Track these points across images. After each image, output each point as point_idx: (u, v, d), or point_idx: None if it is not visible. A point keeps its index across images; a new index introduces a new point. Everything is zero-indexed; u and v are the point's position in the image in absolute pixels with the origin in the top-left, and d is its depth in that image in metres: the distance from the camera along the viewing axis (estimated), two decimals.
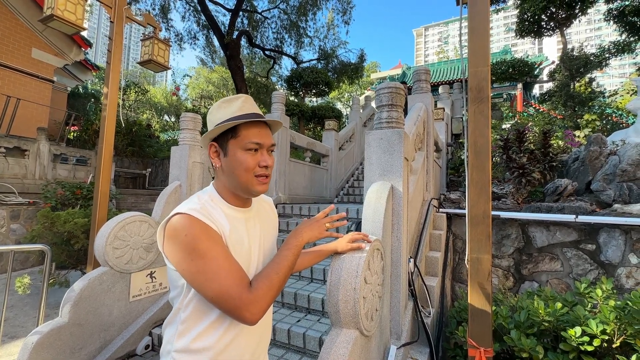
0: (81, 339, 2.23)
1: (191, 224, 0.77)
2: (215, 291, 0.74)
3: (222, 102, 0.91)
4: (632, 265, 2.83)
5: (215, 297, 0.74)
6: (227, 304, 0.74)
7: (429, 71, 3.84)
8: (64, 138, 8.42)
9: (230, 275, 0.75)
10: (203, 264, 0.74)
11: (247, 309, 0.74)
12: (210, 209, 0.84)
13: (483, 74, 1.51)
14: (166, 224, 0.80)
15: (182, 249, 0.75)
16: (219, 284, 0.74)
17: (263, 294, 0.77)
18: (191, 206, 0.81)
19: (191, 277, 0.76)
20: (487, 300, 1.44)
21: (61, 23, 2.64)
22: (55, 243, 3.67)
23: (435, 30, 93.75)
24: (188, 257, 0.75)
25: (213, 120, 0.90)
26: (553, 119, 7.48)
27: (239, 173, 0.86)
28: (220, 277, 0.74)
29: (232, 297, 0.73)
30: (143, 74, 31.07)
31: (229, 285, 0.74)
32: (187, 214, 0.78)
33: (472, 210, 1.49)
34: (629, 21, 9.66)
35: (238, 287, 0.75)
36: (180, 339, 0.82)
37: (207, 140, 0.91)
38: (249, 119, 0.86)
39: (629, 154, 3.41)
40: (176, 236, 0.76)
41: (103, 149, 2.88)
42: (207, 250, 0.75)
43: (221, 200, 0.90)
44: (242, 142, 0.86)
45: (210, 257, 0.75)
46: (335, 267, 1.48)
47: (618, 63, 54.12)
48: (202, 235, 0.76)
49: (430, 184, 3.58)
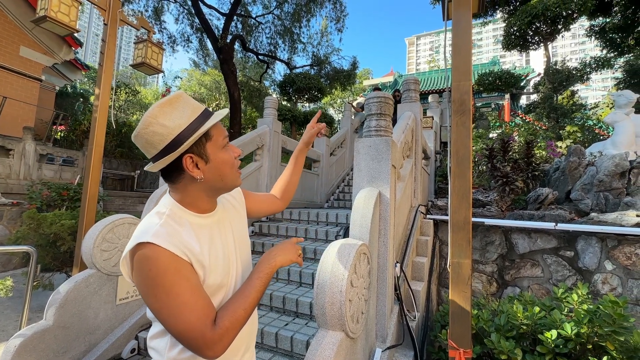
0: (66, 342, 2.21)
1: (156, 256, 0.71)
2: (177, 328, 0.71)
3: (166, 107, 0.77)
4: (607, 271, 2.96)
5: (178, 335, 0.71)
6: (189, 343, 0.71)
7: (418, 81, 3.96)
8: (50, 138, 8.28)
9: (194, 312, 0.71)
10: (167, 301, 0.71)
11: (209, 348, 0.71)
12: (176, 227, 0.78)
13: (465, 88, 1.60)
14: (132, 254, 0.75)
15: (147, 284, 0.72)
16: (182, 322, 0.70)
17: (227, 332, 0.74)
18: (155, 230, 0.74)
19: (155, 312, 0.73)
20: (466, 303, 1.51)
21: (54, 24, 2.65)
22: (40, 245, 3.61)
23: (427, 39, 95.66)
24: (152, 292, 0.71)
25: (168, 132, 0.76)
26: (537, 129, 7.74)
27: (226, 173, 0.84)
28: (183, 314, 0.70)
29: (194, 336, 0.70)
30: (134, 74, 30.74)
31: (191, 323, 0.71)
32: (151, 243, 0.72)
33: (453, 217, 1.56)
34: (609, 37, 10.14)
35: (200, 325, 0.71)
36: (171, 351, 0.81)
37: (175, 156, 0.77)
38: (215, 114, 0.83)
39: (605, 165, 3.58)
40: (141, 270, 0.72)
41: (93, 151, 2.87)
42: (171, 286, 0.71)
43: (185, 212, 0.83)
44: (217, 141, 0.82)
45: (174, 294, 0.71)
46: (322, 271, 1.52)
47: (601, 77, 56.16)
48: (167, 270, 0.71)
49: (418, 190, 3.67)
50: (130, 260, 0.75)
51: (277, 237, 3.96)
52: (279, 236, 3.96)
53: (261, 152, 4.65)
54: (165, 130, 0.76)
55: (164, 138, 0.76)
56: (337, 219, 3.95)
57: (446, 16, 1.90)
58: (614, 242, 2.94)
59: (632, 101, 4.80)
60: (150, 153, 0.79)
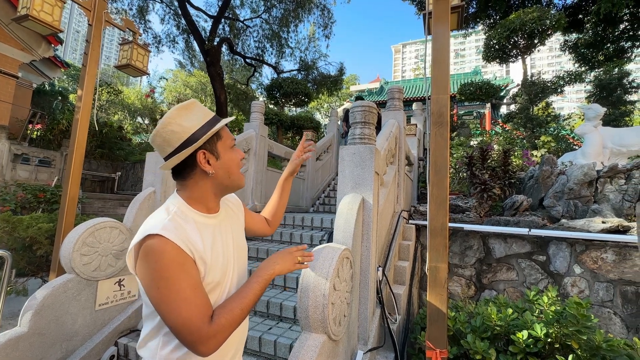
0: (41, 349, 2.14)
1: (162, 249, 0.76)
2: (175, 322, 0.74)
3: (183, 109, 0.88)
4: (576, 275, 3.13)
5: (175, 328, 0.75)
6: (185, 336, 0.74)
7: (402, 90, 4.09)
8: (26, 137, 7.98)
9: (193, 308, 0.75)
10: (168, 294, 0.74)
11: (203, 344, 0.74)
12: (181, 222, 0.83)
13: (443, 101, 1.70)
14: (139, 246, 0.79)
15: (151, 276, 0.76)
16: (181, 316, 0.74)
17: (222, 329, 0.77)
18: (164, 224, 0.79)
19: (156, 305, 0.77)
20: (443, 305, 1.58)
21: (36, 23, 2.60)
22: (15, 249, 3.48)
23: (412, 47, 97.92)
24: (155, 284, 0.75)
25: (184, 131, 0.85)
26: (514, 138, 8.08)
27: (233, 171, 0.93)
28: (182, 309, 0.74)
29: (191, 331, 0.74)
30: (116, 74, 29.94)
31: (189, 318, 0.74)
32: (160, 235, 0.76)
33: (431, 223, 1.64)
34: (581, 53, 10.73)
35: (198, 320, 0.75)
36: (163, 349, 0.83)
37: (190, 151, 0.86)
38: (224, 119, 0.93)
39: (575, 174, 3.80)
40: (147, 261, 0.76)
41: (74, 152, 2.81)
42: (174, 280, 0.75)
43: (191, 210, 0.88)
44: (226, 142, 0.93)
45: (176, 289, 0.75)
46: (306, 274, 1.57)
47: (575, 89, 59.11)
48: (172, 264, 0.76)
49: (401, 196, 3.77)
50: (136, 251, 0.80)
51: (262, 240, 3.97)
52: (264, 240, 3.97)
53: (247, 156, 4.66)
54: (181, 129, 0.86)
55: (181, 136, 0.86)
56: (322, 223, 4.00)
57: (427, 30, 2.00)
58: (582, 247, 3.12)
59: (600, 114, 5.11)
60: (166, 151, 0.87)
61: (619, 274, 2.95)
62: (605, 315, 2.96)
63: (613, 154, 5.04)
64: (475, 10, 11.36)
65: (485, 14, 11.28)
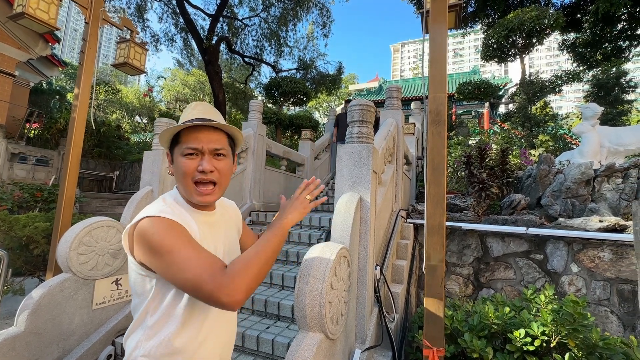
0: (38, 349, 2.14)
1: (158, 222, 0.78)
2: (188, 279, 0.73)
3: (187, 108, 0.94)
4: (573, 273, 3.14)
5: (190, 286, 0.73)
6: (202, 290, 0.72)
7: (400, 89, 4.09)
8: (23, 136, 7.94)
9: (201, 261, 0.75)
10: (172, 257, 0.74)
11: (222, 291, 0.71)
12: (177, 211, 0.86)
13: (441, 100, 1.69)
14: (133, 228, 0.81)
15: (152, 248, 0.76)
16: (191, 272, 0.73)
17: (238, 273, 0.74)
18: (158, 208, 0.83)
19: (164, 272, 0.76)
20: (440, 304, 1.58)
21: (32, 21, 2.58)
22: (11, 248, 3.46)
23: (411, 47, 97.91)
24: (158, 253, 0.76)
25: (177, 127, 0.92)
26: (512, 137, 8.10)
27: (180, 178, 0.89)
28: (191, 265, 0.73)
29: (206, 281, 0.72)
30: (114, 72, 29.83)
31: (200, 271, 0.73)
32: (154, 216, 0.79)
33: (429, 222, 1.64)
34: (579, 52, 10.75)
35: (208, 271, 0.73)
36: (147, 342, 0.82)
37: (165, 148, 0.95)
38: (186, 125, 0.87)
39: (572, 173, 3.81)
40: (146, 236, 0.77)
41: (71, 151, 2.80)
42: (174, 244, 0.76)
43: (184, 204, 0.91)
44: (181, 147, 0.88)
45: (177, 250, 0.75)
46: (303, 273, 1.57)
47: (573, 88, 59.32)
48: (168, 231, 0.77)
49: (399, 195, 3.78)
50: (131, 233, 0.81)
51: None
52: None
53: (245, 155, 4.65)
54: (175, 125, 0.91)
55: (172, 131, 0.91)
56: (320, 222, 4.00)
57: (425, 29, 2.00)
58: (579, 245, 3.13)
59: (598, 113, 5.12)
60: None
61: (615, 273, 2.96)
62: (602, 314, 2.97)
63: (610, 153, 5.05)
64: (473, 10, 11.37)
65: (483, 13, 11.28)
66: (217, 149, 0.90)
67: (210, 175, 0.88)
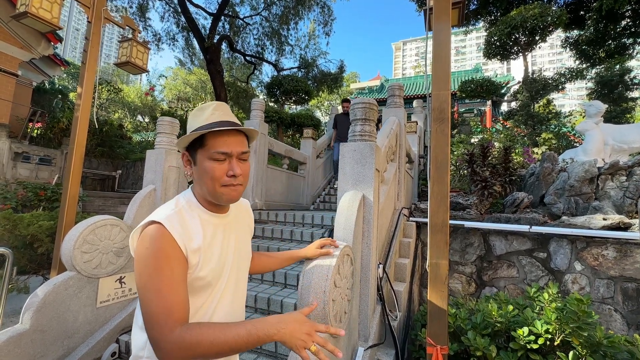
0: (43, 346, 2.15)
1: (157, 235, 0.77)
2: (146, 312, 0.73)
3: (197, 109, 0.92)
4: (577, 271, 3.13)
5: (145, 317, 0.74)
6: (150, 328, 0.72)
7: (402, 87, 4.07)
8: (26, 136, 7.99)
9: (163, 303, 0.73)
10: (147, 281, 0.74)
11: (159, 346, 0.71)
12: (186, 216, 0.86)
13: (444, 97, 1.69)
14: (141, 230, 0.82)
15: (138, 260, 0.77)
16: (152, 307, 0.72)
17: (185, 342, 0.70)
18: (168, 213, 0.82)
19: (137, 288, 0.77)
20: (444, 302, 1.58)
21: (35, 21, 2.59)
22: (15, 246, 3.48)
23: (413, 45, 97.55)
24: (139, 270, 0.76)
25: (188, 128, 0.92)
26: (515, 136, 8.06)
27: (206, 182, 0.87)
28: (157, 299, 0.73)
29: (158, 324, 0.71)
30: (116, 72, 29.91)
31: (156, 312, 0.72)
32: (160, 223, 0.79)
33: (432, 220, 1.63)
34: (582, 49, 10.67)
35: (164, 317, 0.71)
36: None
37: (181, 149, 0.93)
38: (212, 128, 0.85)
39: (576, 171, 3.79)
40: (141, 245, 0.78)
41: (74, 150, 2.81)
42: (157, 269, 0.75)
43: (198, 206, 0.91)
44: (208, 151, 0.86)
45: (157, 277, 0.74)
46: (307, 271, 1.56)
47: (576, 86, 58.95)
48: (160, 252, 0.76)
49: (402, 193, 3.77)
50: (138, 234, 0.83)
51: (263, 238, 3.97)
52: (264, 238, 3.98)
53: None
54: (188, 125, 0.92)
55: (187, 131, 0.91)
56: (322, 221, 4.00)
57: (428, 26, 1.99)
58: (583, 244, 3.12)
59: (601, 111, 5.09)
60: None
61: (619, 271, 2.95)
62: (605, 312, 2.96)
63: (614, 151, 5.02)
64: (476, 7, 11.31)
65: (486, 11, 11.22)
66: (244, 152, 0.91)
67: (238, 179, 0.89)
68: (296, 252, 1.36)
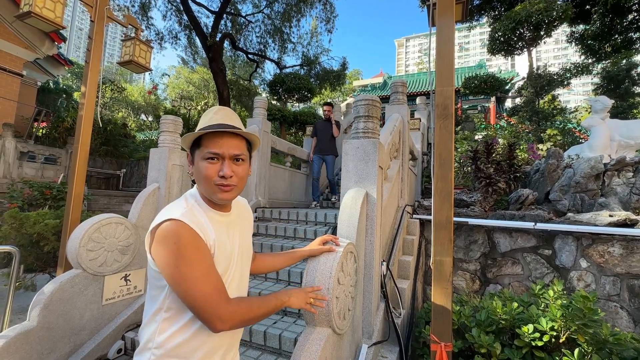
0: (50, 343, 2.18)
1: (182, 231, 0.81)
2: (195, 298, 0.79)
3: (205, 113, 0.97)
4: (582, 269, 3.11)
5: (195, 303, 0.80)
6: (204, 311, 0.80)
7: (406, 84, 4.05)
8: (32, 135, 8.06)
9: (211, 285, 0.82)
10: (187, 272, 0.79)
11: (220, 319, 0.81)
12: (197, 214, 0.89)
13: (448, 93, 1.67)
14: (157, 227, 0.84)
15: (170, 256, 0.80)
16: (201, 291, 0.80)
17: (240, 311, 0.85)
18: (182, 211, 0.85)
19: (174, 282, 0.81)
20: (448, 299, 1.58)
21: (39, 20, 2.60)
22: (22, 245, 3.52)
23: (416, 41, 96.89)
24: (174, 263, 0.79)
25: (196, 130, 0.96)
26: (519, 132, 7.99)
27: (201, 181, 0.92)
28: (201, 285, 0.80)
29: (211, 304, 0.80)
30: (120, 71, 30.05)
31: (208, 294, 0.80)
32: (179, 220, 0.82)
33: (436, 217, 1.63)
34: (588, 44, 10.53)
35: (216, 296, 0.81)
36: (160, 335, 0.86)
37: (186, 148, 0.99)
38: (208, 130, 0.90)
39: (581, 167, 3.75)
40: (166, 242, 0.81)
41: (79, 149, 2.83)
42: (193, 260, 0.81)
43: (204, 205, 0.95)
44: (202, 152, 0.91)
45: (195, 267, 0.80)
46: (310, 269, 1.56)
47: (582, 82, 58.24)
48: (190, 244, 0.81)
49: (405, 191, 3.76)
50: (153, 233, 0.85)
51: (266, 236, 3.98)
52: (268, 235, 3.99)
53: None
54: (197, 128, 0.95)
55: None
56: (325, 218, 4.00)
57: (431, 22, 1.97)
58: (589, 241, 3.09)
59: (608, 106, 5.02)
60: None
61: (626, 268, 2.92)
62: (611, 309, 2.93)
63: (621, 147, 4.96)
64: (480, 2, 11.18)
65: (490, 6, 11.09)
66: (237, 155, 0.93)
67: (230, 180, 0.91)
68: (299, 251, 1.37)
